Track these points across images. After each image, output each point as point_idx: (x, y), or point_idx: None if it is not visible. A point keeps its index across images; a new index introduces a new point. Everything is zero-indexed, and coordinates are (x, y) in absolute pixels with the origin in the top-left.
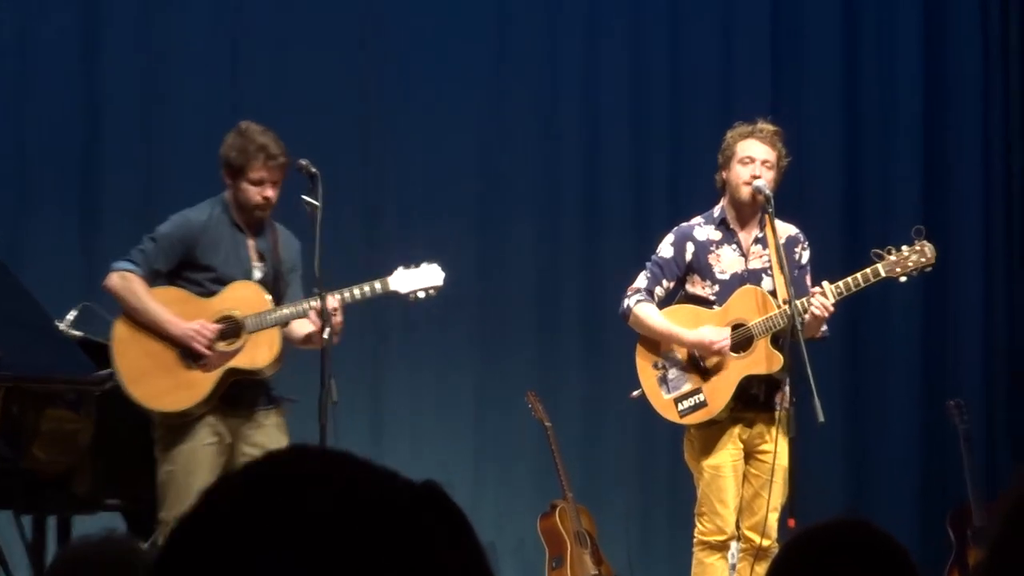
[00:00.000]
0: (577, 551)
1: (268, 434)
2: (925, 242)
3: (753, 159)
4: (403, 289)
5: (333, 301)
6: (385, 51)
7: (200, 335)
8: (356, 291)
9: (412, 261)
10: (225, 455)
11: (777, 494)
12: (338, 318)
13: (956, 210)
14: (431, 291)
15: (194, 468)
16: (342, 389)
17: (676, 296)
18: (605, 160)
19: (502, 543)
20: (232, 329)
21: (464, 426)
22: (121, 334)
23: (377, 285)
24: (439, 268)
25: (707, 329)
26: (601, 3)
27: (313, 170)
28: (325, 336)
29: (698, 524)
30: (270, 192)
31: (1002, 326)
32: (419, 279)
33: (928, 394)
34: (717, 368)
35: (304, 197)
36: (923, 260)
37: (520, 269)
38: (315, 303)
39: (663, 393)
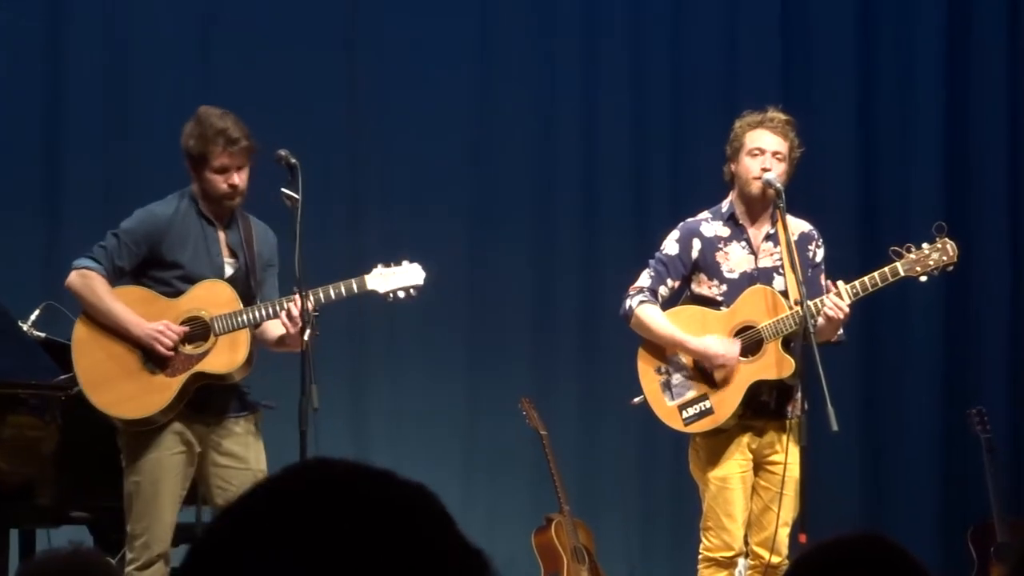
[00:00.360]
0: (574, 567)
1: (241, 442)
2: (947, 239)
3: (763, 151)
4: (381, 288)
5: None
6: (372, 43)
7: (164, 336)
8: (332, 291)
9: (393, 259)
10: (194, 464)
11: (788, 508)
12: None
13: (979, 206)
14: (411, 291)
15: (161, 477)
16: (323, 394)
17: (681, 296)
18: (603, 156)
19: (493, 559)
20: (199, 331)
21: (453, 434)
22: (81, 335)
23: (354, 284)
24: (420, 267)
25: (714, 340)
26: None
27: (292, 161)
28: (306, 338)
29: (704, 539)
30: (236, 179)
31: None
32: (399, 278)
33: (949, 401)
34: (725, 374)
35: (283, 190)
36: (944, 259)
37: (514, 269)
38: (288, 303)
39: (667, 400)
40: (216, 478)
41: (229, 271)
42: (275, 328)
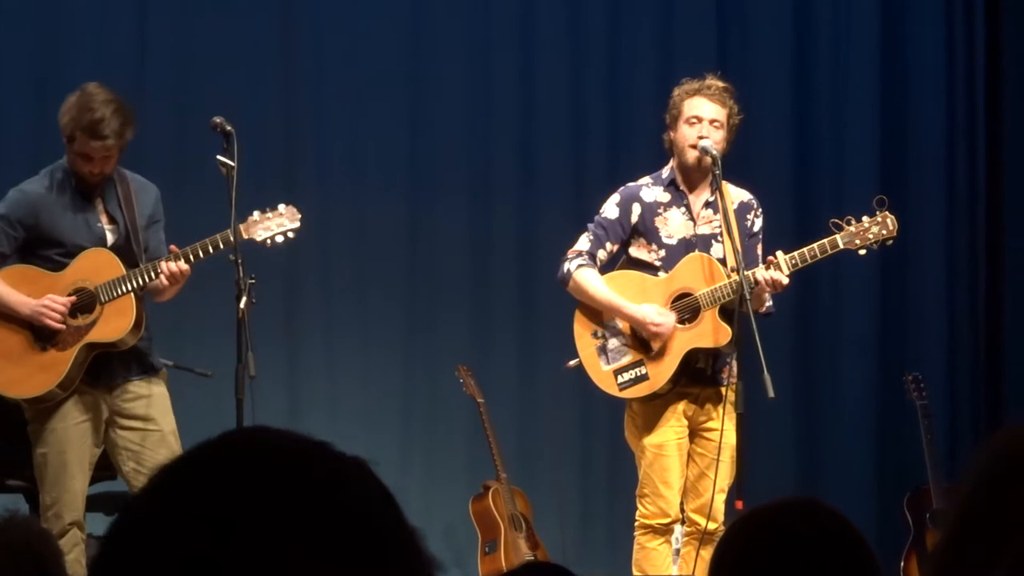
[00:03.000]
0: (512, 535)
1: (143, 404)
2: (887, 213)
3: (700, 119)
4: (259, 236)
5: (181, 263)
6: (308, 9)
7: (50, 310)
8: (208, 245)
9: (268, 206)
10: (100, 431)
11: (724, 474)
12: (184, 267)
13: (915, 173)
14: (289, 234)
15: (66, 448)
16: (259, 362)
17: (619, 260)
18: (540, 120)
19: (430, 527)
20: (87, 302)
21: (389, 402)
22: None
23: (229, 234)
24: (296, 209)
25: (651, 309)
26: None
27: (228, 128)
28: (242, 306)
29: (640, 507)
30: (98, 168)
31: (963, 298)
32: (274, 222)
33: (884, 368)
34: (660, 342)
35: (219, 158)
36: (884, 232)
37: (451, 233)
38: (164, 263)
39: (602, 364)
40: (123, 440)
41: (111, 238)
42: (158, 286)
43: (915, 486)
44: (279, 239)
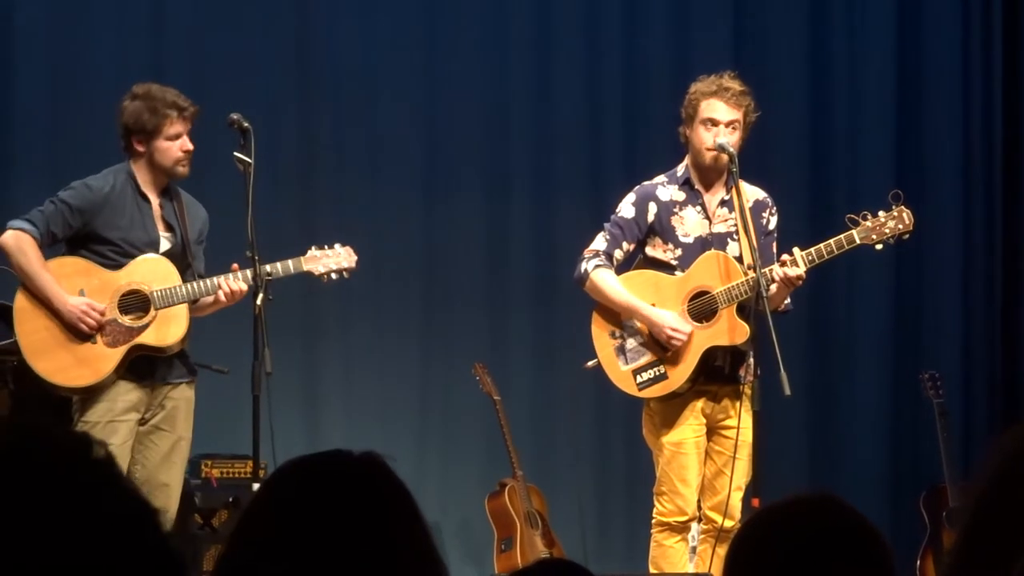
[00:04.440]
0: (527, 533)
1: (174, 408)
2: (903, 207)
3: (717, 123)
4: (317, 270)
5: (240, 282)
6: (324, 7)
7: (87, 316)
8: (268, 268)
9: (327, 242)
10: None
11: (741, 472)
12: (243, 287)
13: (932, 171)
14: (344, 273)
15: (108, 437)
16: (276, 359)
17: (635, 259)
18: (557, 118)
19: (447, 524)
20: (140, 304)
21: (406, 399)
22: (22, 304)
23: (291, 264)
24: (351, 251)
25: (669, 315)
26: None
27: (245, 125)
28: (258, 303)
29: (657, 504)
30: (189, 144)
31: (980, 295)
32: (332, 261)
33: (901, 366)
34: (676, 346)
35: (236, 154)
36: (900, 227)
37: (468, 232)
38: (224, 279)
39: (621, 364)
40: (144, 437)
41: (166, 245)
42: (206, 300)
43: (931, 484)
44: (334, 276)
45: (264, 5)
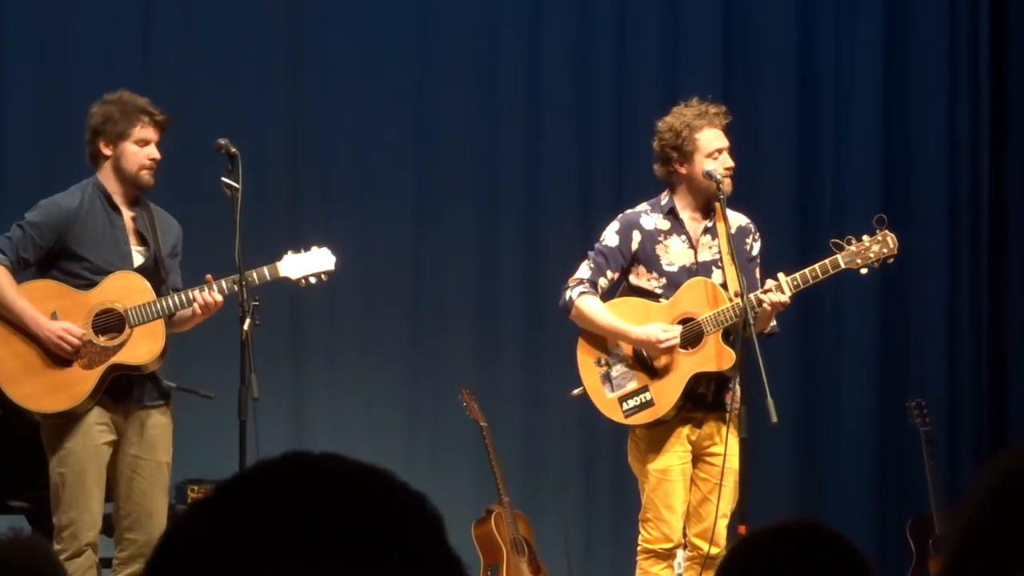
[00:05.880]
0: (514, 559)
1: (152, 433)
2: (887, 232)
3: (722, 150)
4: (294, 274)
5: (215, 294)
6: (313, 29)
7: (64, 340)
8: (243, 277)
9: (302, 246)
10: (112, 451)
11: (727, 499)
12: (218, 298)
13: (917, 197)
14: (323, 276)
15: (86, 467)
16: (263, 384)
17: (619, 288)
18: (547, 146)
19: None
20: (114, 323)
21: (393, 424)
22: None
23: (266, 271)
24: (329, 252)
25: (654, 327)
26: None
27: (233, 150)
28: (245, 328)
29: (642, 531)
30: (156, 152)
31: (967, 322)
32: (309, 264)
33: (887, 394)
34: (665, 365)
35: (223, 179)
36: (885, 251)
37: (456, 258)
38: (199, 291)
39: (607, 392)
40: (126, 468)
41: (139, 260)
42: (182, 312)
43: (917, 512)
44: (312, 280)
45: (253, 27)
